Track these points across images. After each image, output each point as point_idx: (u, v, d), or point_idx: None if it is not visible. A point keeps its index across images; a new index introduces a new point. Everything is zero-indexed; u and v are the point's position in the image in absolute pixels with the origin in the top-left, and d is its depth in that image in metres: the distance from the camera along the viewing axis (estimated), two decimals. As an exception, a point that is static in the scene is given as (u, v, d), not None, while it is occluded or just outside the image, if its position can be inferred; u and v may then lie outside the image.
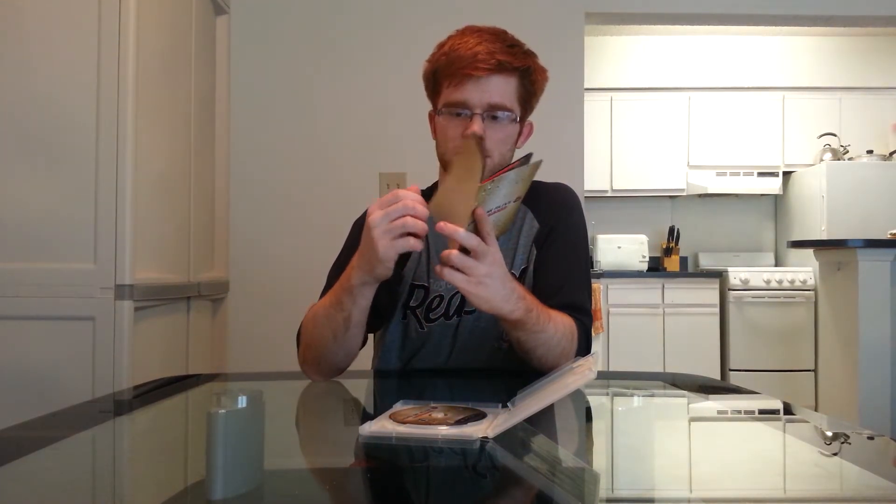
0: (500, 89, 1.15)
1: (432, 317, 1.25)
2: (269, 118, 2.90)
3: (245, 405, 0.61)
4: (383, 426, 0.78)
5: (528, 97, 1.20)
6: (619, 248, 4.72)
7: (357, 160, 2.88)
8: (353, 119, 2.91)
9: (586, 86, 3.05)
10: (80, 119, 1.90)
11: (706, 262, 5.11)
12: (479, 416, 0.81)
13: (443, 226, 0.92)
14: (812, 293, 4.48)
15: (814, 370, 4.38)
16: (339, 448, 0.85)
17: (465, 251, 0.93)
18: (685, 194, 4.97)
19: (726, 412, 1.13)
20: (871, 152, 4.65)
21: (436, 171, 1.30)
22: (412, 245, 0.97)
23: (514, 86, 1.16)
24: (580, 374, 0.80)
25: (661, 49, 4.93)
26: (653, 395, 1.27)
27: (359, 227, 1.10)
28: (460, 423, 0.78)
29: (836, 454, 0.86)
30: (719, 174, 4.88)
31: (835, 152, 4.67)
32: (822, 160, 4.62)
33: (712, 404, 1.19)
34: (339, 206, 2.30)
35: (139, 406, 1.15)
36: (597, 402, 1.16)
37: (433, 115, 1.23)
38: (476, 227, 0.94)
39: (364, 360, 1.30)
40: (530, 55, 1.19)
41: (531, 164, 0.95)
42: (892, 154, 4.68)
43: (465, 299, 1.13)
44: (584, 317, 1.17)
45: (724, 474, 0.76)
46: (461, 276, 0.93)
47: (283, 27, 2.93)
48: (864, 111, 4.85)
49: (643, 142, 4.90)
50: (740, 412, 1.12)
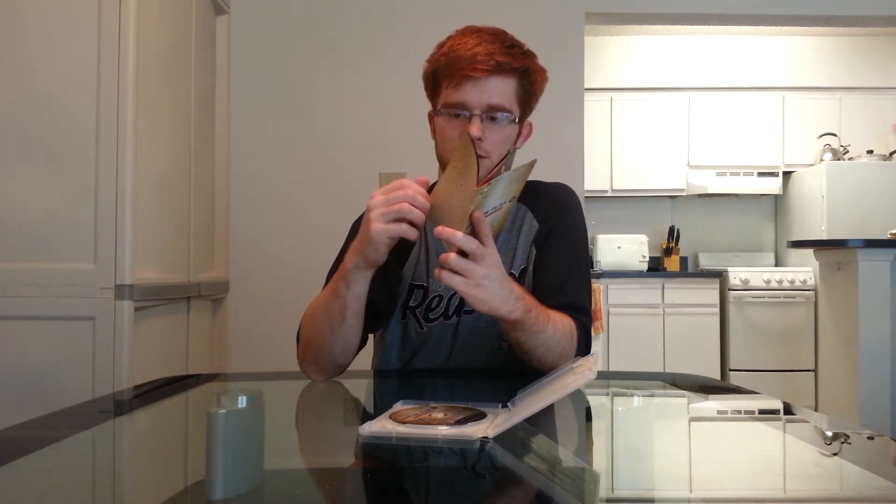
0: (499, 90, 1.14)
1: (431, 317, 1.25)
2: (269, 118, 2.91)
3: (245, 405, 0.61)
4: (383, 426, 0.78)
5: (528, 98, 1.20)
6: (619, 248, 4.72)
7: (357, 160, 2.88)
8: (353, 119, 2.91)
9: (586, 86, 3.06)
10: (80, 119, 1.90)
11: (706, 262, 5.11)
12: (479, 416, 0.81)
13: (441, 230, 0.92)
14: (812, 293, 4.48)
15: (814, 370, 4.38)
16: (339, 448, 0.85)
17: (463, 254, 0.93)
18: (685, 194, 4.97)
19: (726, 412, 1.13)
20: (871, 152, 4.65)
21: (436, 172, 1.30)
22: (404, 231, 0.97)
23: (513, 87, 1.16)
24: (580, 374, 0.80)
25: (661, 49, 4.93)
26: (653, 395, 1.27)
27: (357, 227, 1.10)
28: (460, 423, 0.78)
29: (836, 454, 0.86)
30: (719, 174, 4.88)
31: (835, 152, 4.67)
32: (822, 160, 4.62)
33: (712, 404, 1.18)
34: (339, 206, 2.30)
35: (139, 406, 1.15)
36: (597, 402, 1.16)
37: (433, 116, 1.23)
38: (473, 230, 0.94)
39: (364, 360, 1.30)
40: (530, 56, 1.19)
41: (526, 164, 0.95)
42: (892, 154, 4.68)
43: (464, 299, 1.13)
44: (583, 317, 1.17)
45: (724, 474, 0.76)
46: (459, 279, 0.93)
47: (283, 27, 2.93)
48: (864, 111, 4.85)
49: (643, 142, 4.90)
50: (740, 412, 1.12)
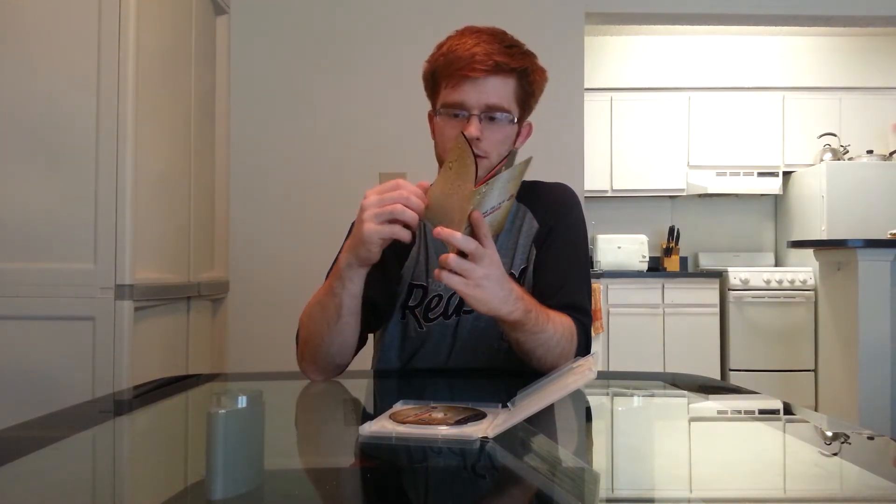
0: (498, 90, 1.14)
1: (431, 316, 1.25)
2: (269, 118, 2.90)
3: (245, 405, 0.61)
4: (383, 426, 0.78)
5: (527, 98, 1.19)
6: (619, 248, 4.73)
7: (357, 160, 2.88)
8: (353, 119, 2.91)
9: (586, 86, 3.06)
10: (80, 119, 1.90)
11: (706, 262, 5.11)
12: (479, 416, 0.81)
13: (439, 230, 0.92)
14: (812, 293, 4.48)
15: (814, 370, 4.38)
16: (339, 448, 0.85)
17: (462, 254, 0.92)
18: (685, 194, 4.97)
19: (726, 412, 1.13)
20: (871, 152, 4.65)
21: (436, 172, 1.30)
22: (397, 233, 0.97)
23: (511, 87, 1.16)
24: (580, 374, 0.80)
25: (661, 49, 4.93)
26: (653, 395, 1.27)
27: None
28: (460, 423, 0.78)
29: (836, 454, 0.86)
30: (719, 174, 4.88)
31: (835, 152, 4.67)
32: (822, 160, 4.62)
33: (712, 404, 1.18)
34: (339, 206, 2.30)
35: (139, 406, 1.15)
36: (597, 402, 1.16)
37: (432, 116, 1.23)
38: (472, 230, 0.94)
39: (364, 360, 1.30)
40: (529, 56, 1.18)
41: (522, 161, 0.95)
42: (892, 154, 4.68)
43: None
44: (583, 317, 1.17)
45: (724, 474, 0.76)
46: (459, 279, 0.93)
47: (283, 27, 2.93)
48: (864, 111, 4.85)
49: (643, 142, 4.90)
50: (740, 412, 1.12)
